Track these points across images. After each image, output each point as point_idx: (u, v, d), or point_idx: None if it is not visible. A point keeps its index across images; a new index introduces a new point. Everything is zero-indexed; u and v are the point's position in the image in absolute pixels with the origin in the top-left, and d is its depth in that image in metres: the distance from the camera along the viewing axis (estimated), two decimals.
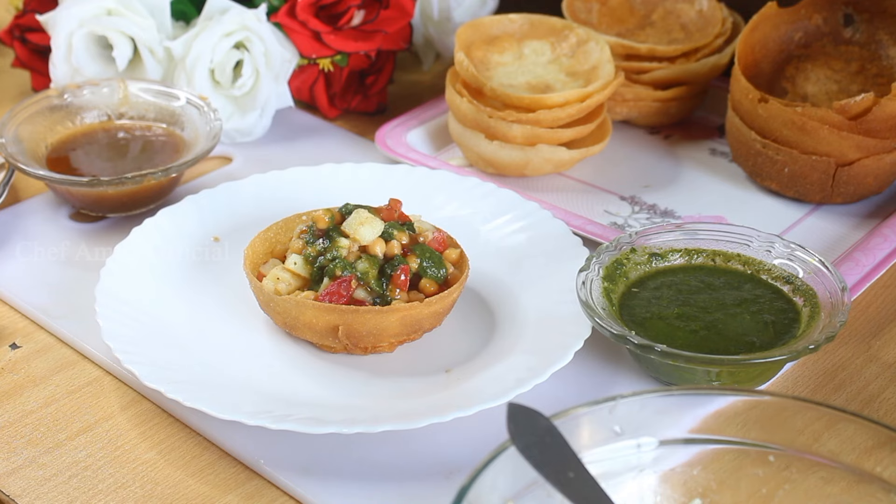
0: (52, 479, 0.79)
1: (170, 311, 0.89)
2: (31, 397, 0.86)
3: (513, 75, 1.10)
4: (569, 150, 1.06)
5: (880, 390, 0.87)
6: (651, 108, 1.16)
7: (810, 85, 1.12)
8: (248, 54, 1.13)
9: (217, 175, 1.12)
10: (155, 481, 0.79)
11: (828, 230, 1.03)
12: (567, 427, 0.65)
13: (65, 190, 1.02)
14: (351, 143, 1.18)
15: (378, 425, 0.77)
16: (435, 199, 1.01)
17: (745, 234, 0.91)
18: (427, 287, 0.87)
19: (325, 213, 0.88)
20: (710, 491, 0.69)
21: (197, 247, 0.96)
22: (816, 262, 0.87)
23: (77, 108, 1.10)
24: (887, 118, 1.00)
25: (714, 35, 1.15)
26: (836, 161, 1.02)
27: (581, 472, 0.63)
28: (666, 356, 0.80)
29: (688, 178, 1.12)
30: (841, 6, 1.12)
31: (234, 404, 0.79)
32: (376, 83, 1.21)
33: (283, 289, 0.87)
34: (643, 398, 0.68)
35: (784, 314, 0.86)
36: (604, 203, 1.07)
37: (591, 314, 0.83)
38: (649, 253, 0.90)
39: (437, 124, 1.17)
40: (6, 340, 0.91)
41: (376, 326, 0.84)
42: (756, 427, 0.69)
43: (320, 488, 0.77)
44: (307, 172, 1.03)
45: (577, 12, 1.19)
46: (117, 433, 0.83)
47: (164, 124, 1.10)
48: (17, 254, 1.00)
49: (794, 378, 0.88)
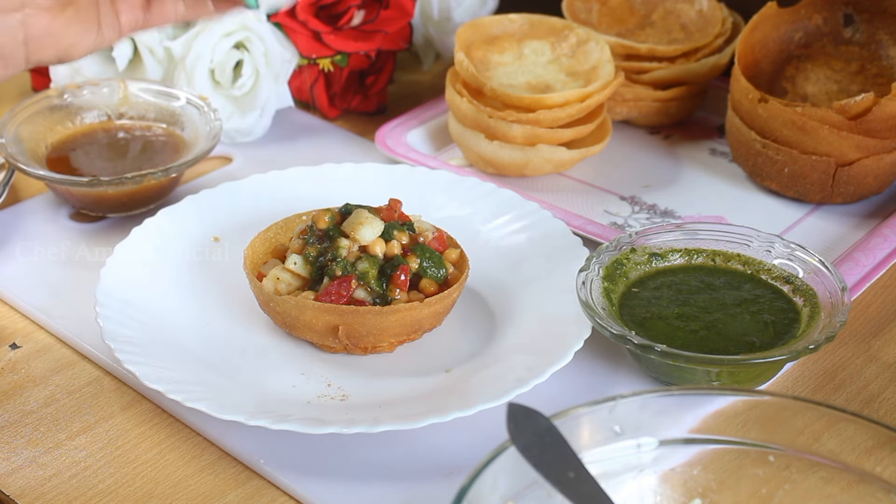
0: (52, 479, 0.79)
1: (170, 311, 0.89)
2: (31, 397, 0.86)
3: (513, 75, 1.10)
4: (569, 150, 1.06)
5: (880, 390, 0.87)
6: (651, 108, 1.16)
7: (810, 85, 1.12)
8: (248, 54, 1.13)
9: (217, 175, 1.12)
10: (155, 481, 0.79)
11: (828, 230, 1.03)
12: (567, 427, 0.65)
13: (65, 190, 1.02)
14: (351, 143, 1.18)
15: (378, 425, 0.77)
16: (435, 199, 1.01)
17: (745, 234, 0.91)
18: (427, 287, 0.87)
19: (325, 213, 0.88)
20: (710, 491, 0.69)
21: (197, 247, 0.96)
22: (816, 262, 0.87)
23: (77, 108, 1.10)
24: (887, 118, 1.00)
25: (714, 35, 1.15)
26: (836, 161, 1.02)
27: (581, 472, 0.63)
28: (666, 356, 0.80)
29: (688, 178, 1.12)
30: (841, 6, 1.12)
31: (234, 404, 0.79)
32: (376, 83, 1.21)
33: (283, 289, 0.87)
34: (643, 398, 0.68)
35: (784, 314, 0.86)
36: (604, 203, 1.07)
37: (591, 314, 0.83)
38: (649, 253, 0.90)
39: (437, 124, 1.17)
40: (6, 340, 0.91)
41: (376, 326, 0.84)
42: (756, 427, 0.69)
43: (320, 488, 0.77)
44: (307, 172, 1.03)
45: (577, 12, 1.19)
46: (117, 433, 0.83)
47: (164, 124, 1.10)
48: (17, 254, 1.00)
49: (794, 378, 0.88)
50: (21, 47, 0.71)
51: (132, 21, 0.78)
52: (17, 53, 0.71)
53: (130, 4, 0.78)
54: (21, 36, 0.71)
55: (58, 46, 0.73)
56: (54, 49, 0.73)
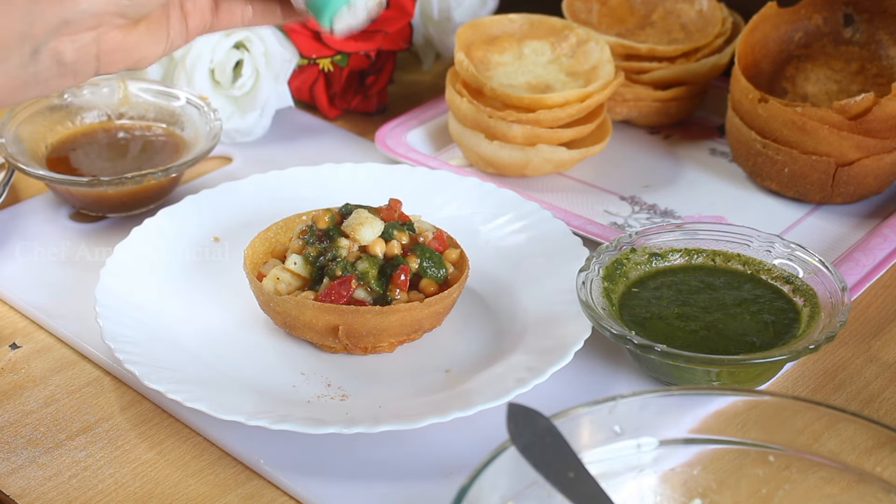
0: (52, 479, 0.79)
1: (170, 311, 0.89)
2: (31, 397, 0.86)
3: (513, 75, 1.10)
4: (569, 150, 1.06)
5: (880, 390, 0.87)
6: (651, 108, 1.16)
7: (810, 85, 1.12)
8: (248, 54, 1.13)
9: (217, 175, 1.12)
10: (155, 481, 0.79)
11: (828, 230, 1.03)
12: (567, 427, 0.65)
13: (65, 190, 1.02)
14: (351, 143, 1.18)
15: (378, 425, 0.77)
16: (435, 199, 1.01)
17: (745, 234, 0.91)
18: (427, 287, 0.87)
19: (325, 213, 0.88)
20: (710, 491, 0.69)
21: (197, 247, 0.96)
22: (816, 262, 0.87)
23: (77, 108, 1.10)
24: (887, 118, 1.00)
25: (714, 35, 1.15)
26: (836, 161, 1.02)
27: (581, 472, 0.63)
28: (666, 356, 0.80)
29: (688, 178, 1.12)
30: (841, 6, 1.12)
31: (234, 404, 0.79)
32: (376, 83, 1.21)
33: (283, 289, 0.87)
34: (643, 398, 0.68)
35: (784, 314, 0.86)
36: (604, 203, 1.07)
37: (591, 314, 0.83)
38: (649, 253, 0.90)
39: (437, 124, 1.17)
40: (6, 340, 0.91)
41: (376, 326, 0.84)
42: (756, 427, 0.69)
43: (320, 488, 0.77)
44: (307, 172, 1.03)
45: (577, 12, 1.19)
46: (117, 433, 0.83)
47: (164, 124, 1.10)
48: (17, 254, 1.00)
49: (794, 378, 0.88)
50: (93, 61, 0.72)
51: (200, 25, 0.78)
52: (89, 67, 0.72)
53: (200, 9, 0.78)
54: (94, 51, 0.71)
55: (129, 59, 0.74)
56: (125, 62, 0.74)
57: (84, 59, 0.71)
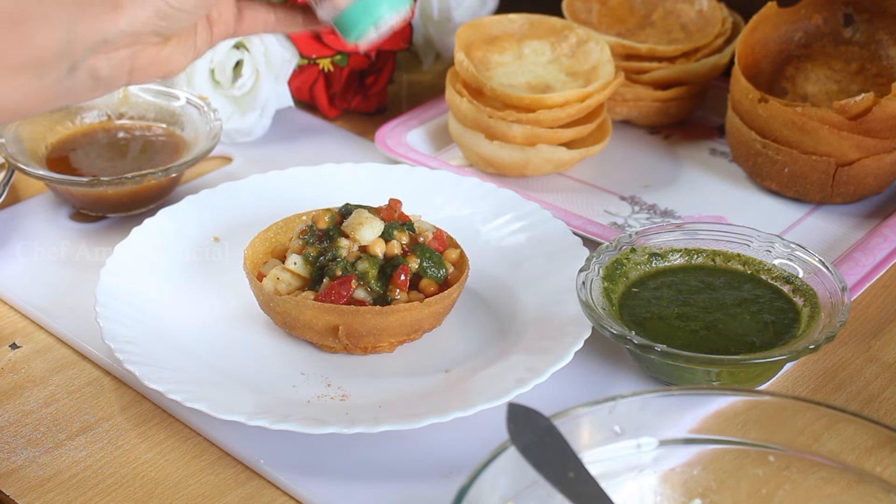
0: (52, 479, 0.79)
1: (170, 311, 0.89)
2: (31, 397, 0.86)
3: (513, 75, 1.10)
4: (569, 150, 1.06)
5: (880, 390, 0.87)
6: (651, 108, 1.16)
7: (810, 85, 1.12)
8: (247, 54, 1.13)
9: (217, 175, 1.12)
10: (155, 481, 0.79)
11: (828, 230, 1.03)
12: (567, 427, 0.65)
13: (65, 190, 1.02)
14: (351, 143, 1.18)
15: (378, 425, 0.77)
16: (435, 199, 1.01)
17: (745, 234, 0.91)
18: (427, 287, 0.87)
19: (325, 213, 0.88)
20: (710, 491, 0.69)
21: (197, 247, 0.96)
22: (816, 262, 0.87)
23: (77, 107, 1.09)
24: (887, 118, 1.00)
25: (714, 35, 1.15)
26: (836, 161, 1.02)
27: (581, 472, 0.63)
28: (666, 356, 0.80)
29: (688, 178, 1.12)
30: (841, 6, 1.12)
31: (234, 404, 0.79)
32: (376, 83, 1.21)
33: (283, 289, 0.87)
34: (643, 398, 0.68)
35: (784, 314, 0.86)
36: (604, 203, 1.07)
37: (591, 314, 0.83)
38: (649, 253, 0.90)
39: (437, 124, 1.17)
40: (6, 340, 0.91)
41: (376, 326, 0.84)
42: (756, 427, 0.69)
43: (320, 488, 0.77)
44: (307, 172, 1.03)
45: (577, 12, 1.19)
46: (117, 433, 0.83)
47: (164, 124, 1.10)
48: (17, 254, 1.00)
49: (794, 378, 0.88)
50: (126, 75, 0.74)
51: (224, 32, 0.80)
52: (121, 80, 0.74)
53: (224, 17, 0.79)
54: (128, 66, 0.73)
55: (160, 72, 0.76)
56: (156, 74, 0.76)
57: (118, 73, 0.73)
